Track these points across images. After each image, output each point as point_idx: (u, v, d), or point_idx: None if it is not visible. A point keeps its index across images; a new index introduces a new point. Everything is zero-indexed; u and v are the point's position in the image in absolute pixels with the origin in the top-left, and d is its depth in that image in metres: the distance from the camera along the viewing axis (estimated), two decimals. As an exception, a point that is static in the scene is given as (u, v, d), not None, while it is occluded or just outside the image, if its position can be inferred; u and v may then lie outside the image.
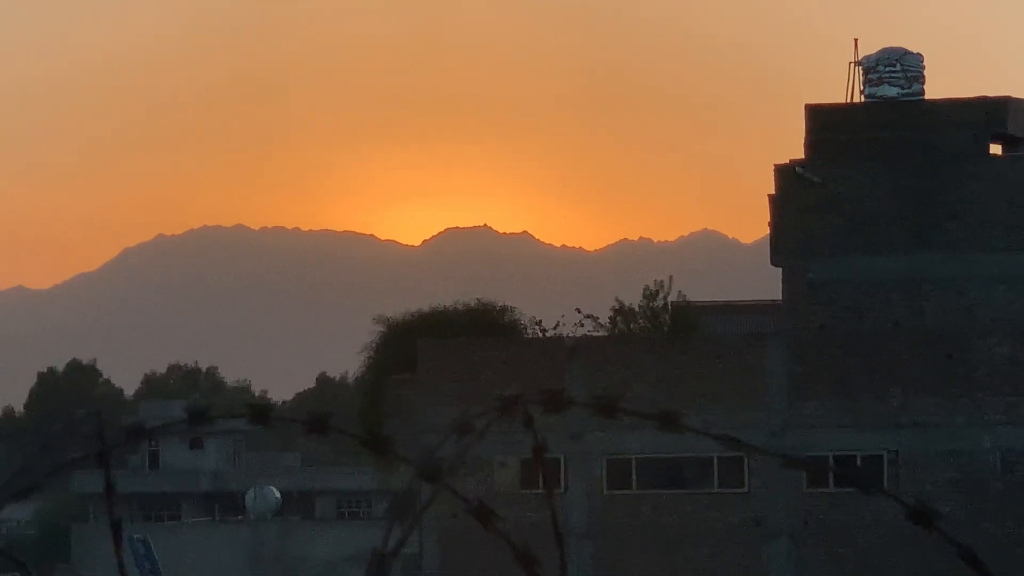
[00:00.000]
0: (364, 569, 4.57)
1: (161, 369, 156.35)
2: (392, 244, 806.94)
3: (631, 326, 67.83)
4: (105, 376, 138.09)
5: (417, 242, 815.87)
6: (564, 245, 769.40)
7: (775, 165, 58.28)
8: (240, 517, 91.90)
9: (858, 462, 55.70)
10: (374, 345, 72.28)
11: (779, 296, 60.20)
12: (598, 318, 68.38)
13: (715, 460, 57.39)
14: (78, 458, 5.33)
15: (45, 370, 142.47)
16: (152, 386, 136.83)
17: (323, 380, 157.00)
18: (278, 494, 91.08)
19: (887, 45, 58.23)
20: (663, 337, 64.28)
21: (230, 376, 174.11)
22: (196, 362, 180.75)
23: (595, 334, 66.86)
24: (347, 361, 79.22)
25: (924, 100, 57.86)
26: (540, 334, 69.48)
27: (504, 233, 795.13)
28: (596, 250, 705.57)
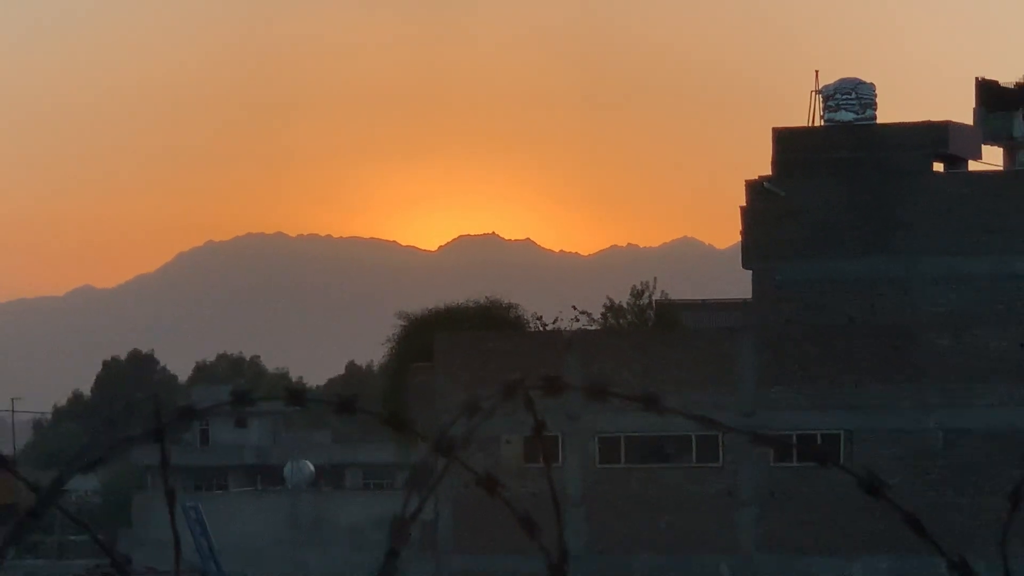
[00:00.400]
0: (387, 532, 5.23)
1: (211, 358, 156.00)
2: (412, 249, 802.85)
3: (620, 321, 68.59)
4: (161, 364, 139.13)
5: (434, 247, 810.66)
6: (562, 250, 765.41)
7: (746, 180, 57.89)
8: (279, 487, 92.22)
9: (818, 440, 54.75)
10: (396, 337, 72.43)
11: (749, 295, 60.09)
12: (591, 314, 68.61)
13: (693, 438, 56.26)
14: (137, 435, 5.10)
15: (109, 359, 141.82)
16: (202, 373, 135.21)
17: (351, 368, 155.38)
18: (312, 467, 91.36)
19: (844, 76, 58.74)
20: (648, 331, 65.11)
21: (271, 364, 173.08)
22: (241, 352, 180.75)
23: (589, 328, 66.78)
24: (373, 351, 78.89)
25: (876, 124, 58.40)
26: (541, 328, 68.89)
27: (509, 240, 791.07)
28: (590, 254, 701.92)
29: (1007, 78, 66.12)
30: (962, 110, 66.17)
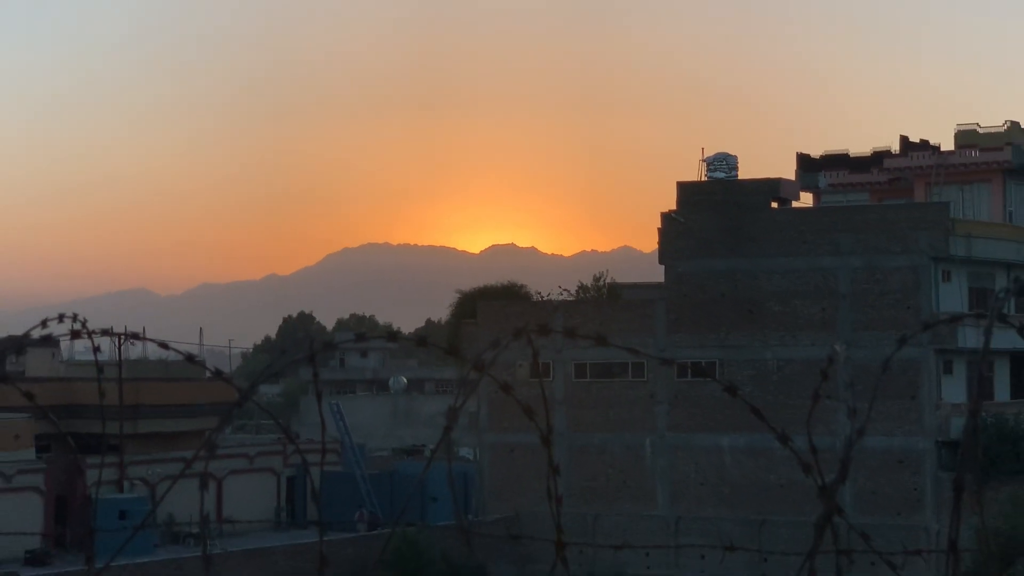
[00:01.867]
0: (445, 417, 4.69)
1: (345, 316, 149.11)
2: (464, 253, 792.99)
3: (587, 295, 68.79)
4: (316, 320, 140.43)
5: (476, 251, 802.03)
6: (552, 253, 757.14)
7: (661, 212, 57.90)
8: (385, 392, 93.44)
9: (702, 364, 53.31)
10: (454, 305, 73.47)
11: (663, 279, 58.65)
12: (570, 291, 69.20)
13: (629, 364, 56.15)
14: (300, 359, 4.75)
15: (286, 316, 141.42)
16: (340, 325, 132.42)
17: (428, 323, 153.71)
18: (405, 380, 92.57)
19: (719, 150, 59.73)
20: (602, 301, 64.66)
21: (380, 320, 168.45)
22: (364, 312, 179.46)
23: (568, 300, 66.02)
24: (441, 312, 79.43)
25: (736, 180, 58.19)
26: (540, 299, 68.06)
27: (523, 247, 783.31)
28: (569, 256, 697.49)
29: (816, 151, 68.67)
30: (788, 171, 65.71)
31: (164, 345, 4.21)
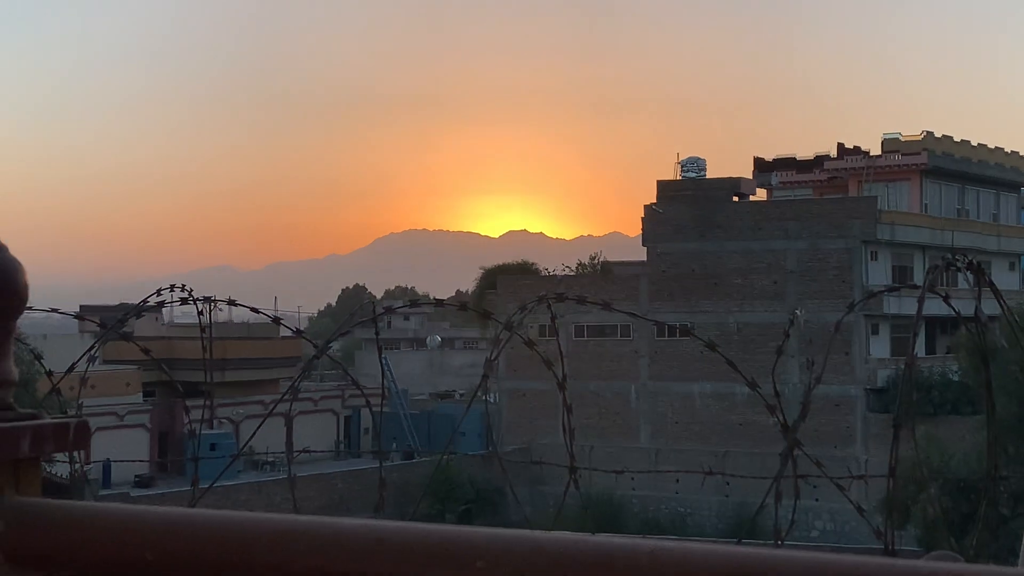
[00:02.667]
0: (483, 367, 4.70)
1: (392, 287, 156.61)
2: (487, 237, 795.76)
3: (584, 271, 66.67)
4: (369, 291, 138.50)
5: (496, 235, 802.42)
6: (557, 237, 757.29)
7: (644, 205, 57.78)
8: (424, 348, 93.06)
9: (676, 326, 56.11)
10: (479, 279, 71.32)
11: (645, 258, 58.29)
12: (571, 268, 67.78)
13: (618, 326, 56.12)
14: (360, 322, 4.99)
15: (345, 287, 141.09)
16: (389, 294, 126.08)
17: (457, 292, 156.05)
18: (440, 338, 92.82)
19: (691, 155, 59.93)
20: (597, 275, 63.10)
21: (420, 291, 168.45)
22: (407, 284, 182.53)
23: (569, 274, 64.66)
24: (469, 285, 78.92)
25: (705, 178, 57.98)
26: (547, 274, 66.97)
27: (533, 232, 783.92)
28: (570, 239, 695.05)
29: (769, 155, 68.36)
30: (747, 171, 65.21)
31: (255, 310, 4.26)
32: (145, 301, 4.42)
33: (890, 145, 64.82)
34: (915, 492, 27.60)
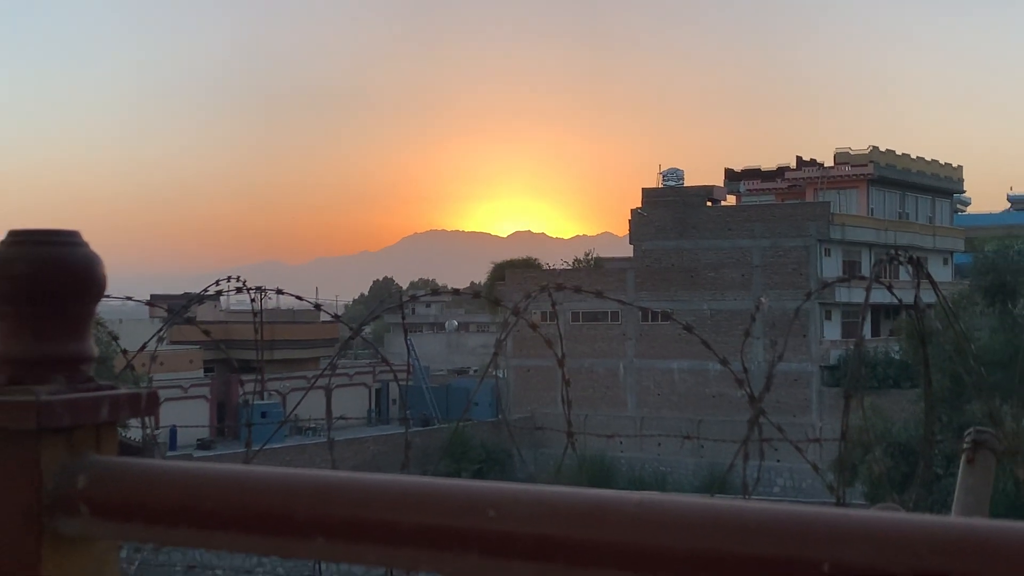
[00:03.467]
0: (492, 347, 4.61)
1: (415, 279, 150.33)
2: (496, 237, 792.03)
3: (580, 266, 65.69)
4: (396, 282, 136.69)
5: (505, 235, 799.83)
6: (557, 237, 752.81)
7: (631, 209, 57.37)
8: (443, 331, 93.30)
9: (658, 312, 55.53)
10: (490, 272, 70.99)
11: (632, 255, 58.01)
12: (568, 263, 67.06)
13: (608, 312, 55.75)
14: (389, 308, 4.79)
15: (375, 279, 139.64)
16: (414, 285, 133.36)
17: (471, 284, 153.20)
18: (456, 323, 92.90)
19: (672, 166, 59.62)
20: (591, 270, 62.30)
21: (440, 282, 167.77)
22: (430, 277, 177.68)
23: (567, 269, 63.67)
24: (481, 277, 78.81)
25: (683, 186, 57.53)
26: (548, 268, 66.55)
27: (536, 232, 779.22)
28: (567, 238, 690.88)
29: (737, 166, 68.03)
30: (718, 180, 64.96)
31: (299, 298, 4.28)
32: (205, 290, 4.44)
33: (841, 158, 64.95)
34: (862, 454, 27.62)
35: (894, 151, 65.45)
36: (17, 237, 1.38)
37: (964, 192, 72.55)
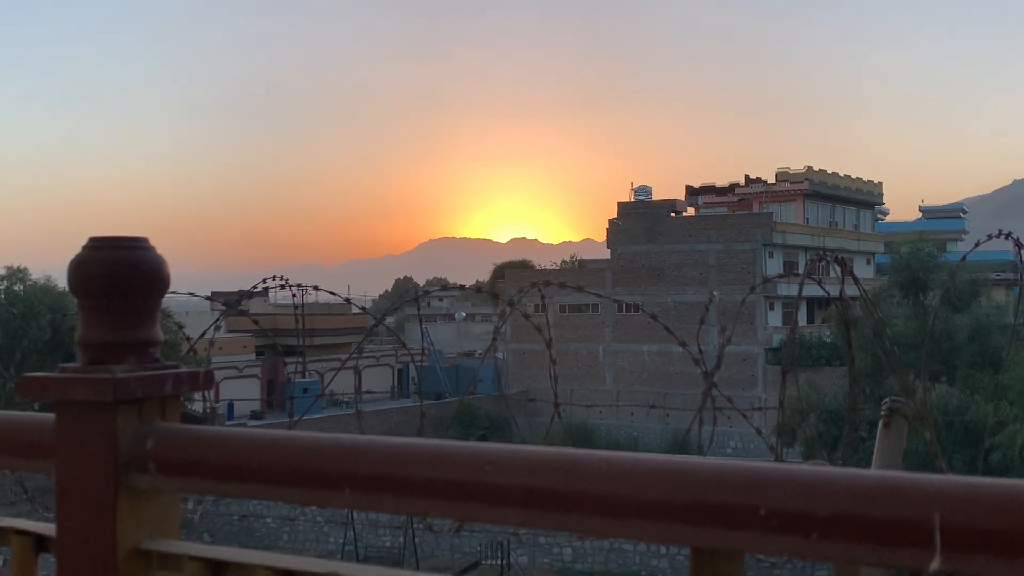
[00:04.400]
0: (491, 335, 4.61)
1: (431, 278, 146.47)
2: (496, 243, 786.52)
3: (567, 266, 66.54)
4: (414, 280, 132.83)
5: (504, 241, 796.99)
6: (547, 242, 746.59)
7: (608, 219, 56.94)
8: (453, 320, 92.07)
9: (631, 304, 54.87)
10: (491, 273, 72.84)
11: (609, 257, 57.44)
12: (556, 264, 68.51)
13: (590, 305, 55.20)
14: (406, 303, 4.71)
15: (397, 279, 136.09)
16: (431, 282, 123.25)
17: (477, 282, 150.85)
18: (464, 314, 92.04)
19: (640, 183, 61.20)
20: (575, 270, 62.09)
21: (453, 280, 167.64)
22: (443, 276, 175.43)
23: (555, 269, 63.93)
24: (484, 276, 77.79)
25: (652, 200, 57.21)
26: (539, 268, 67.66)
27: (530, 239, 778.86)
28: (556, 244, 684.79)
29: (696, 183, 67.97)
30: (681, 194, 64.77)
31: (333, 293, 4.28)
32: (255, 288, 4.44)
33: (782, 176, 64.88)
34: (799, 420, 27.56)
35: (825, 170, 65.43)
36: (96, 243, 1.40)
37: (883, 204, 71.94)
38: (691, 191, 67.59)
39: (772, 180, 64.78)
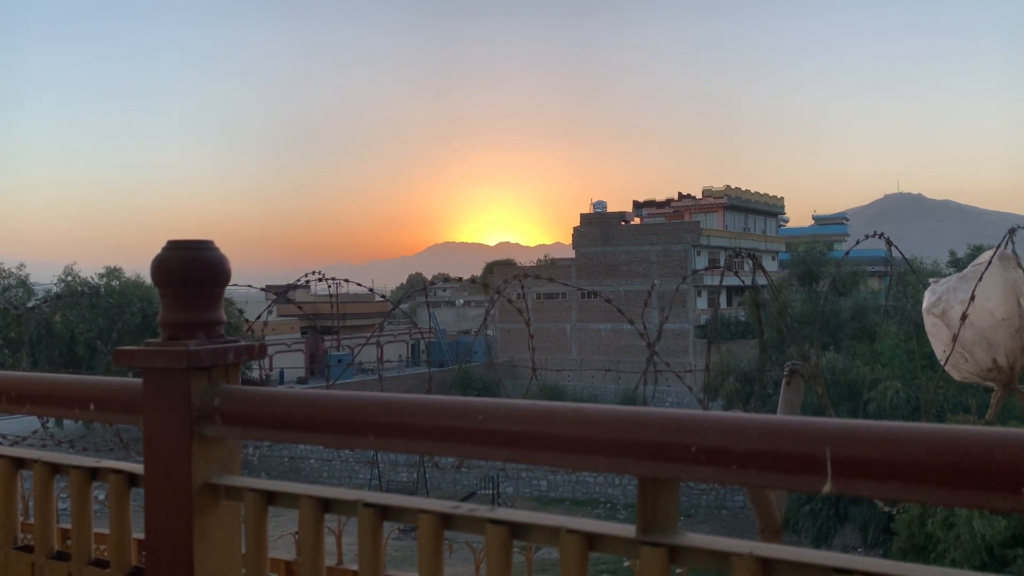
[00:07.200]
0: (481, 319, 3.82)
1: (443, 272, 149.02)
2: (486, 245, 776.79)
3: (542, 263, 64.24)
4: (428, 276, 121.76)
5: (492, 244, 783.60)
6: (525, 245, 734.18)
7: (573, 227, 55.87)
8: (454, 305, 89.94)
9: (591, 292, 54.86)
10: (484, 268, 72.05)
11: (575, 256, 56.28)
12: (534, 262, 66.96)
13: (559, 294, 54.07)
14: (420, 289, 4.21)
15: (410, 273, 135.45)
16: (434, 278, 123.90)
17: (472, 277, 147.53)
18: (463, 301, 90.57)
19: (598, 199, 61.58)
20: (548, 267, 60.25)
21: (454, 275, 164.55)
22: (457, 275, 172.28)
23: (533, 265, 62.52)
24: (478, 271, 76.42)
25: (607, 212, 56.49)
26: (521, 265, 64.84)
27: (513, 242, 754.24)
28: (532, 246, 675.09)
29: (641, 198, 67.28)
30: (629, 207, 65.73)
31: (360, 284, 4.26)
32: (299, 281, 4.44)
33: (707, 192, 65.11)
34: (721, 380, 27.71)
35: (740, 188, 65.99)
36: (172, 245, 1.42)
37: (785, 213, 72.42)
38: (637, 205, 67.23)
39: (699, 196, 65.06)
